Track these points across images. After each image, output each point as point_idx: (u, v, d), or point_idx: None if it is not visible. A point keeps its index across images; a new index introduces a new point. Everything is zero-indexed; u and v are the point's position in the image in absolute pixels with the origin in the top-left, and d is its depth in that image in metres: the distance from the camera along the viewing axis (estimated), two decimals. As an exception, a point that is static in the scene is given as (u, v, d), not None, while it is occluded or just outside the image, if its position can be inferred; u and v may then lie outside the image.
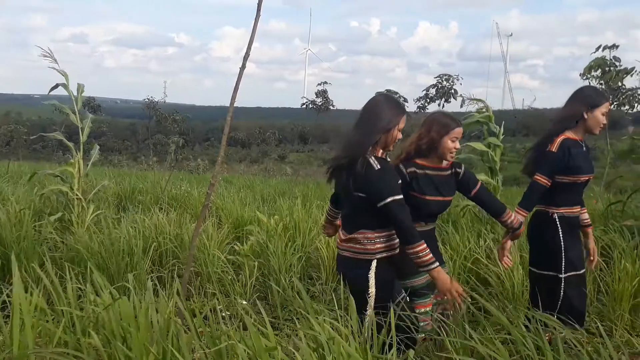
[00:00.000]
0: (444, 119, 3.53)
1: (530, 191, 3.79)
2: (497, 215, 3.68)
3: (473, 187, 3.64)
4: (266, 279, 5.28)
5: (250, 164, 52.66)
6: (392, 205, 3.00)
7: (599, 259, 4.52)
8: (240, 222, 7.28)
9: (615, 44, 11.95)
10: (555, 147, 3.70)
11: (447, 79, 24.54)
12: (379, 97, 3.27)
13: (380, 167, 3.04)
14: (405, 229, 3.01)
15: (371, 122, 3.10)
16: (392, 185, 3.05)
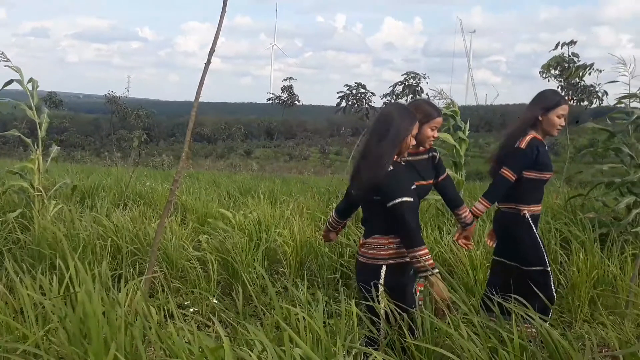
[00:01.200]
0: (427, 107, 3.58)
1: (495, 185, 3.87)
2: (455, 206, 3.80)
3: (441, 174, 3.73)
4: (230, 274, 5.26)
5: (216, 159, 52.32)
6: (401, 206, 3.02)
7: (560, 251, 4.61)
8: (205, 218, 7.24)
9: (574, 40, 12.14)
10: (525, 144, 3.79)
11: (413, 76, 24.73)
12: (391, 109, 3.32)
13: (393, 169, 3.09)
14: (410, 232, 3.01)
15: (387, 134, 3.13)
16: (404, 187, 3.08)
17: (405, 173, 3.18)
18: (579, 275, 4.67)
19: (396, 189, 3.04)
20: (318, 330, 2.62)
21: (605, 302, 4.59)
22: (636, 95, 5.77)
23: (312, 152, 67.28)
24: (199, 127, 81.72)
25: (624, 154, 5.97)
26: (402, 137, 3.11)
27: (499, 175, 3.85)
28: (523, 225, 3.87)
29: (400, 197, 3.01)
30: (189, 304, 4.38)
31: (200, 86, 3.60)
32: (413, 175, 3.31)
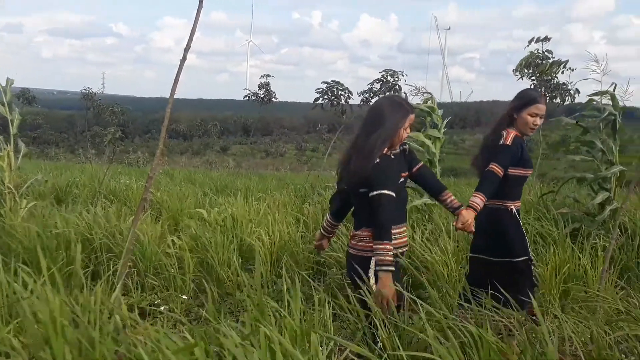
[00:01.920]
0: (408, 105, 3.59)
1: (488, 179, 3.82)
2: (437, 193, 3.72)
3: (415, 165, 3.68)
4: (205, 272, 5.25)
5: (192, 156, 52.06)
6: (379, 198, 3.04)
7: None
8: (180, 216, 7.20)
9: (547, 37, 12.24)
10: (509, 140, 3.81)
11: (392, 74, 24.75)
12: (383, 101, 3.36)
13: (380, 161, 3.11)
14: (382, 224, 3.04)
15: (380, 127, 3.16)
16: (388, 180, 3.10)
17: (393, 166, 3.19)
18: (550, 270, 4.74)
19: (379, 181, 3.06)
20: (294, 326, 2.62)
21: (576, 296, 4.66)
22: (607, 92, 5.86)
23: (289, 149, 67.31)
24: (175, 123, 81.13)
25: (596, 149, 6.06)
26: (394, 130, 3.15)
27: (488, 171, 3.81)
28: (512, 220, 3.91)
29: (381, 189, 3.04)
30: (160, 302, 4.36)
31: (175, 83, 3.58)
32: (401, 168, 3.32)
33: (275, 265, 5.46)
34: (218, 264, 5.21)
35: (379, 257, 2.99)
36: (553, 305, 4.54)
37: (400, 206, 3.25)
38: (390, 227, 3.06)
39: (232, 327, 2.59)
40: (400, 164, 3.46)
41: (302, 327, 2.65)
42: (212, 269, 5.22)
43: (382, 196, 3.03)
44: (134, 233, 3.67)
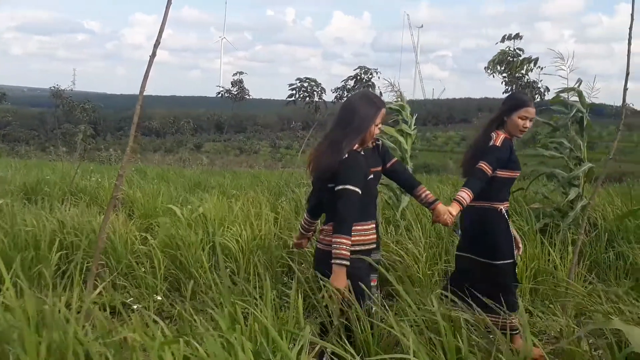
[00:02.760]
0: (377, 99, 3.56)
1: (476, 177, 3.83)
2: (412, 188, 3.74)
3: (389, 160, 3.71)
4: (178, 270, 5.21)
5: (165, 153, 51.63)
6: (343, 193, 3.05)
7: None
8: (152, 214, 7.15)
9: (519, 34, 12.40)
10: (499, 142, 3.85)
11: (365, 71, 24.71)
12: (356, 96, 3.41)
13: (348, 156, 3.12)
14: (343, 218, 3.04)
15: (352, 123, 3.18)
16: (355, 175, 3.10)
17: (361, 163, 3.18)
18: (521, 265, 4.80)
19: (345, 176, 3.07)
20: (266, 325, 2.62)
21: (546, 291, 4.73)
22: (574, 89, 5.95)
23: (263, 146, 67.20)
24: (147, 120, 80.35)
25: (564, 146, 6.16)
26: (365, 126, 3.16)
27: (477, 169, 3.82)
28: (502, 220, 3.94)
29: (346, 184, 3.05)
30: (132, 301, 4.32)
31: (145, 79, 3.55)
32: (373, 164, 3.32)
33: (249, 263, 5.45)
34: (191, 262, 5.18)
35: (334, 250, 3.00)
36: (524, 300, 4.61)
37: (369, 203, 3.26)
38: (350, 222, 3.06)
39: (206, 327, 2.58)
40: (371, 161, 3.47)
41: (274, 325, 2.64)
42: (185, 268, 5.19)
43: (346, 191, 3.04)
44: (105, 231, 3.63)
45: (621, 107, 4.86)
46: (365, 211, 3.22)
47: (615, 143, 4.84)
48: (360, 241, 3.17)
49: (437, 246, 5.65)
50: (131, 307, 3.93)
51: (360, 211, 3.15)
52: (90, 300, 3.07)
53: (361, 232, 3.19)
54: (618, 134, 4.95)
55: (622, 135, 5.01)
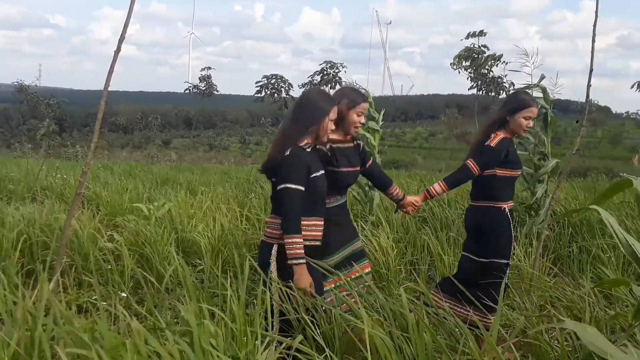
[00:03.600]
0: (351, 93, 3.63)
1: (458, 172, 3.98)
2: (385, 187, 3.91)
3: (367, 161, 3.82)
4: (145, 267, 5.17)
5: (133, 150, 51.18)
6: (286, 192, 3.04)
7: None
8: (118, 211, 7.08)
9: (483, 31, 12.58)
10: (495, 142, 3.88)
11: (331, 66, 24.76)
12: (310, 90, 3.39)
13: (289, 154, 3.08)
14: (290, 219, 3.04)
15: (303, 115, 3.16)
16: (296, 174, 3.07)
17: (304, 160, 3.13)
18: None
19: (285, 174, 3.06)
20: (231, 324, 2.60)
21: (511, 284, 4.80)
22: (537, 85, 6.04)
23: (232, 142, 66.85)
24: (114, 116, 79.54)
25: (529, 142, 6.26)
26: (317, 120, 3.14)
27: (464, 165, 3.94)
28: (504, 220, 3.97)
29: (286, 182, 3.04)
30: (96, 299, 4.27)
31: (109, 74, 3.51)
32: (316, 163, 3.25)
33: (216, 259, 5.43)
34: (158, 259, 5.14)
35: (288, 251, 3.00)
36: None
37: (316, 199, 3.22)
38: (296, 220, 3.06)
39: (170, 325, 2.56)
40: (353, 160, 3.61)
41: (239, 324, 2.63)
42: (152, 265, 5.15)
43: (287, 190, 3.04)
44: (69, 228, 3.59)
45: (585, 103, 4.95)
46: (312, 207, 3.18)
47: (579, 139, 4.93)
48: (305, 236, 3.13)
49: (404, 240, 5.70)
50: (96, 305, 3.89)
51: (305, 207, 3.12)
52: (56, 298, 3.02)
53: (306, 227, 3.14)
54: (581, 130, 5.05)
55: (587, 130, 5.11)
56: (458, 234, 5.81)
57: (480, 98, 19.09)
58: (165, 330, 2.37)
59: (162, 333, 2.46)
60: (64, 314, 2.69)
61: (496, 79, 14.56)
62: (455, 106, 78.09)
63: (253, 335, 2.53)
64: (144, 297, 4.74)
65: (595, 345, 1.95)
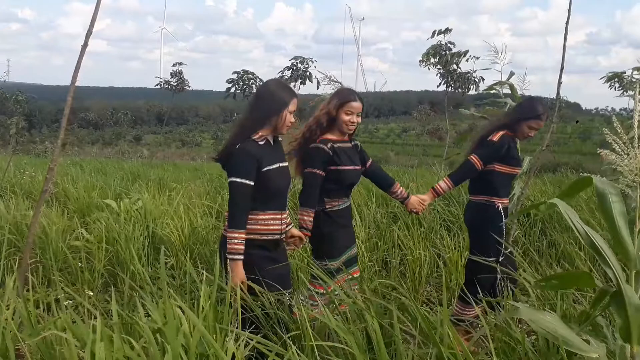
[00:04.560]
0: (342, 92, 3.69)
1: (462, 168, 4.03)
2: (388, 187, 3.93)
3: (367, 160, 3.86)
4: (115, 266, 5.12)
5: (104, 146, 50.57)
6: (232, 185, 3.02)
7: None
8: (88, 208, 7.00)
9: (449, 28, 12.63)
10: (497, 138, 3.95)
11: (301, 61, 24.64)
12: (270, 81, 3.30)
13: (238, 147, 3.05)
14: (234, 213, 3.02)
15: (262, 105, 3.12)
16: (243, 166, 3.03)
17: (253, 154, 3.06)
18: (457, 255, 4.90)
19: (233, 168, 3.04)
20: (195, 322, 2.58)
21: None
22: (506, 82, 6.10)
23: (205, 139, 66.40)
24: (84, 112, 78.50)
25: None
26: (275, 111, 3.10)
27: (467, 161, 3.99)
28: (496, 217, 4.00)
29: (233, 176, 3.02)
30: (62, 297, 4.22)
31: (76, 70, 3.46)
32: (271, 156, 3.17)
33: (187, 256, 5.39)
34: (128, 256, 5.09)
35: (228, 244, 2.98)
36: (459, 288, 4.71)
37: (274, 193, 3.18)
38: (241, 216, 3.03)
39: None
40: (354, 159, 3.67)
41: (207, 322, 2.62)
42: (122, 262, 5.10)
43: (233, 184, 3.01)
44: (36, 226, 3.54)
45: (555, 99, 5.02)
46: (269, 201, 3.15)
47: (549, 135, 5.00)
48: (260, 230, 3.13)
49: (376, 236, 5.72)
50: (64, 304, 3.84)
51: (262, 201, 3.10)
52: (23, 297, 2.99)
53: (262, 221, 3.13)
54: (552, 126, 5.12)
55: (557, 126, 5.18)
56: (429, 230, 5.85)
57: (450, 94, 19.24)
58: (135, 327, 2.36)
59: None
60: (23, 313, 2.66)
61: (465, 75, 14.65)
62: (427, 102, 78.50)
63: (222, 332, 2.52)
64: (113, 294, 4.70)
65: (551, 333, 1.99)
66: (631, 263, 2.08)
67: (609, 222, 2.08)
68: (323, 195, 3.61)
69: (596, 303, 2.16)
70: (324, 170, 3.54)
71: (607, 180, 2.14)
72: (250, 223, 3.09)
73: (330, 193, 3.62)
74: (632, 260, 2.07)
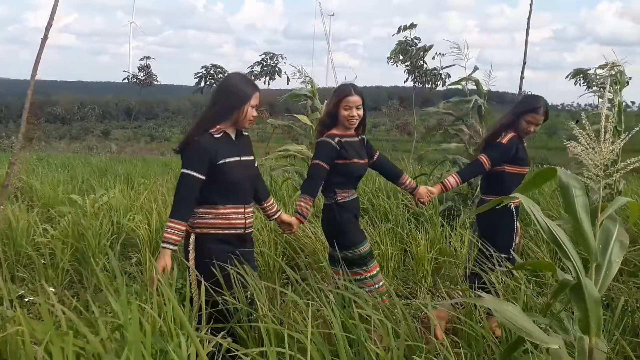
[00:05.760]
0: (339, 88, 3.77)
1: (470, 166, 4.21)
2: (396, 178, 4.01)
3: (374, 154, 3.93)
4: (81, 262, 5.05)
5: (72, 141, 49.90)
6: (181, 177, 3.01)
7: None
8: (54, 203, 6.89)
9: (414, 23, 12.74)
10: (506, 140, 4.07)
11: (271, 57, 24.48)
12: (232, 75, 3.28)
13: (194, 140, 3.03)
14: (177, 203, 3.01)
15: (223, 99, 3.10)
16: (194, 159, 3.01)
17: (206, 147, 3.04)
18: (423, 248, 4.94)
19: (185, 160, 3.02)
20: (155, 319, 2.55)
21: (447, 272, 4.90)
22: (470, 78, 6.17)
23: (174, 133, 65.73)
24: (51, 107, 77.33)
25: (464, 133, 6.40)
26: (234, 105, 3.08)
27: (476, 160, 4.13)
28: (509, 215, 4.10)
29: (184, 168, 3.01)
30: (24, 294, 4.16)
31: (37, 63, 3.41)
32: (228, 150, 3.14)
33: (155, 252, 5.35)
34: (94, 252, 5.03)
35: (165, 232, 2.96)
36: (426, 282, 4.76)
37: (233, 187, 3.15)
38: (185, 207, 3.02)
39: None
40: (361, 152, 3.73)
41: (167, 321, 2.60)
42: (88, 258, 5.03)
43: (183, 175, 3.00)
44: (-2, 222, 3.48)
45: (518, 94, 5.09)
46: (228, 195, 3.13)
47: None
48: (222, 224, 3.13)
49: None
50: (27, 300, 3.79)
51: (222, 194, 3.10)
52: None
53: (222, 215, 3.12)
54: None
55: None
56: (396, 224, 5.88)
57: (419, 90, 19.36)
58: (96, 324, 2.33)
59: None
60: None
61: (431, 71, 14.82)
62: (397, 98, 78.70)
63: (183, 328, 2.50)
64: (78, 291, 4.64)
65: (513, 324, 2.01)
66: (592, 256, 2.11)
67: (571, 215, 2.10)
68: (334, 187, 3.70)
69: (556, 294, 2.19)
70: (331, 164, 3.62)
71: (570, 173, 2.17)
72: (210, 217, 3.10)
73: (340, 185, 3.71)
74: (592, 252, 2.10)
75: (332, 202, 3.71)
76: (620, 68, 6.92)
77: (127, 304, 2.24)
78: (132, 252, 5.46)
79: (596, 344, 2.07)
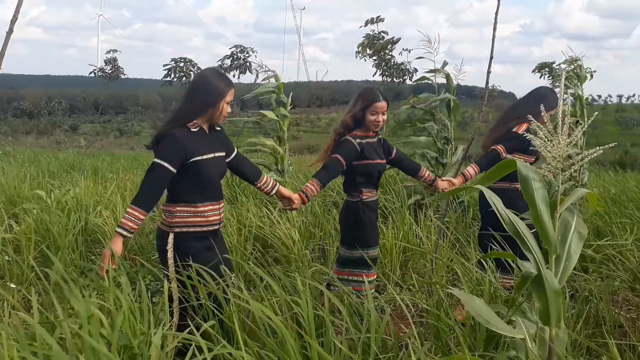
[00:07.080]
0: (366, 94, 3.92)
1: (488, 156, 4.30)
2: (415, 172, 4.17)
3: (392, 151, 4.09)
4: (46, 258, 4.98)
5: (39, 136, 49.19)
6: (152, 165, 2.99)
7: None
8: (18, 199, 6.78)
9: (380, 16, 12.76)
10: (522, 130, 4.24)
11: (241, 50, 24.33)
12: (206, 70, 3.27)
13: (170, 132, 3.02)
14: (144, 192, 2.99)
15: (198, 95, 3.09)
16: (168, 151, 2.99)
17: (181, 141, 3.02)
18: (391, 241, 4.97)
19: (160, 150, 3.01)
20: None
21: (414, 265, 4.94)
22: (438, 70, 6.23)
23: (144, 128, 65.05)
24: (19, 101, 76.06)
25: (432, 127, 6.47)
26: (210, 102, 3.08)
27: (493, 150, 4.28)
28: (520, 199, 4.11)
29: (157, 157, 2.99)
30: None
31: (1, 56, 3.33)
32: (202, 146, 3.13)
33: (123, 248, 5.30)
34: (60, 248, 4.97)
35: (123, 217, 2.95)
36: (395, 275, 4.80)
37: (205, 185, 3.15)
38: (150, 197, 3.00)
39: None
40: (379, 151, 3.92)
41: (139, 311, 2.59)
42: (54, 254, 4.97)
43: (154, 164, 2.99)
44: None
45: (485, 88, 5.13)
46: (204, 192, 3.13)
47: (478, 123, 5.11)
48: (201, 222, 3.12)
49: (313, 225, 5.75)
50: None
51: (198, 192, 3.10)
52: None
53: (201, 213, 3.12)
54: (481, 115, 5.23)
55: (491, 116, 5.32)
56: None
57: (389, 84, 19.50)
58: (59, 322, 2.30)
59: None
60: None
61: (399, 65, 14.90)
62: (368, 92, 78.70)
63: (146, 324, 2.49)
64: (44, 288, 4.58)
65: (481, 317, 2.04)
66: (551, 247, 2.14)
67: (531, 207, 2.14)
68: (360, 187, 3.89)
69: (519, 288, 2.23)
70: (349, 163, 3.79)
71: (530, 166, 2.21)
72: (189, 215, 3.09)
73: (364, 185, 3.89)
74: (552, 244, 2.14)
75: (357, 200, 3.89)
76: (580, 62, 7.06)
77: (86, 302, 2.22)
78: (99, 248, 5.40)
79: (556, 334, 2.11)
